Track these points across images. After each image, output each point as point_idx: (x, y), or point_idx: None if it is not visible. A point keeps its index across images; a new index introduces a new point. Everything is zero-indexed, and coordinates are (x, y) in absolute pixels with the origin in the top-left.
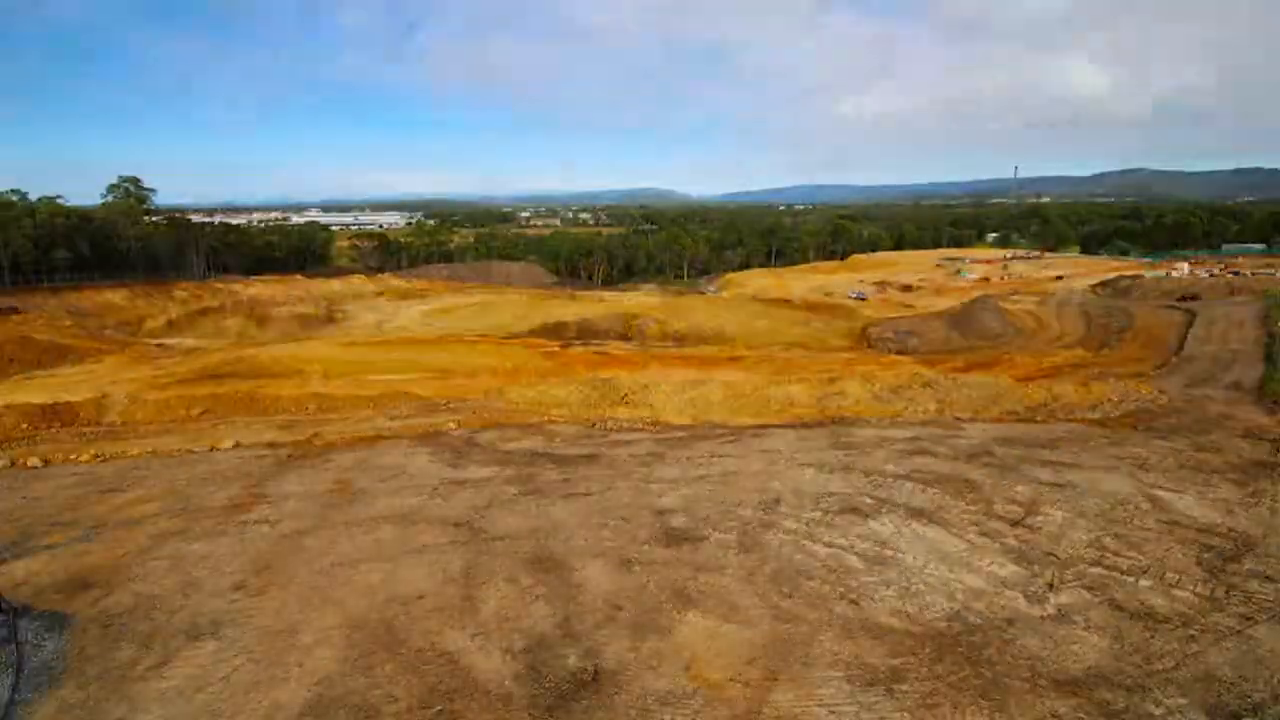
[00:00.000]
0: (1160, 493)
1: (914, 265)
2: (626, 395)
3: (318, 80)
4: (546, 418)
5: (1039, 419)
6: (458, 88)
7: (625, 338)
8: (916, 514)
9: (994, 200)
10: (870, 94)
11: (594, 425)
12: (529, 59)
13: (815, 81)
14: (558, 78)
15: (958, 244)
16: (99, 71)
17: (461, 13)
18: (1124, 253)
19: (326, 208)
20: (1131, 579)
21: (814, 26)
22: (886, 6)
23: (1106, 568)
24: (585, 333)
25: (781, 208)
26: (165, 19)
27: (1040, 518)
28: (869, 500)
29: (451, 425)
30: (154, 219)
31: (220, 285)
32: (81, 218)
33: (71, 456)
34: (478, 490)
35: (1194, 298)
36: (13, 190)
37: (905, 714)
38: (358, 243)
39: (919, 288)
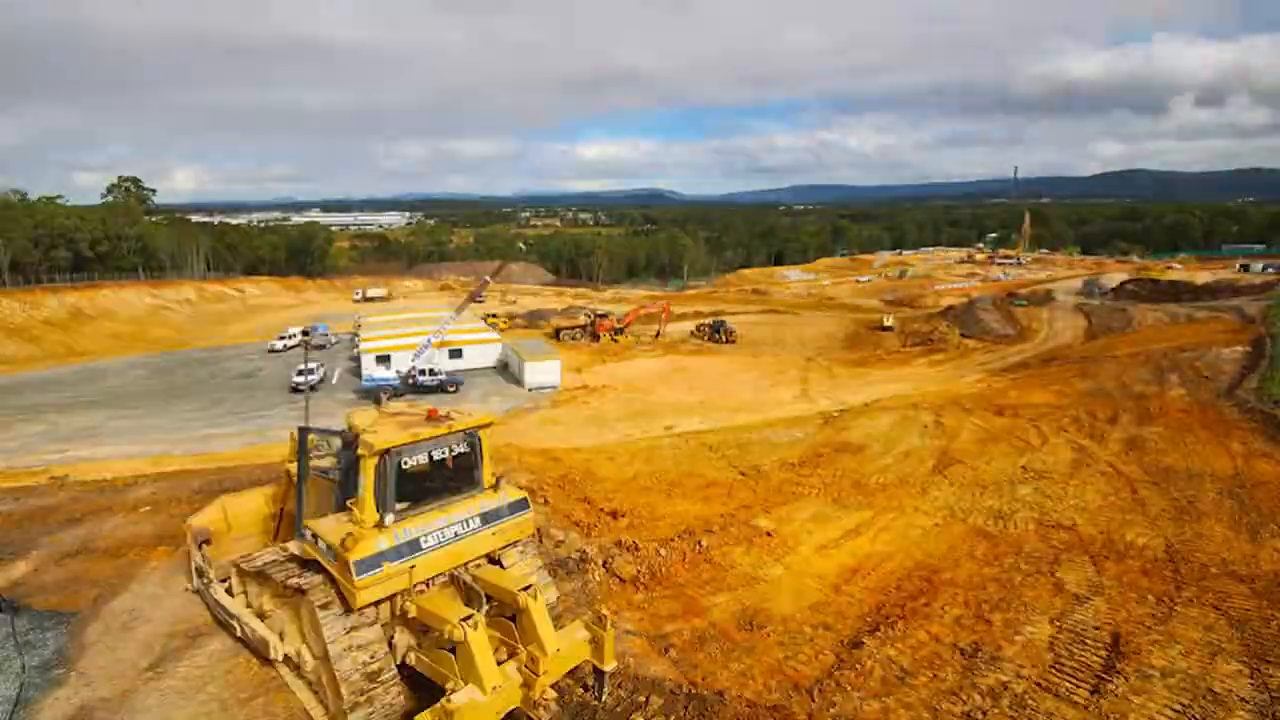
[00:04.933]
0: None
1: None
2: None
3: None
4: None
5: None
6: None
7: None
8: None
9: (994, 200)
10: None
11: None
12: None
13: None
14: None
15: (957, 244)
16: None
17: None
18: (1124, 253)
19: (327, 207)
20: None
21: None
22: None
23: None
24: None
25: (781, 208)
26: None
27: None
28: None
29: None
30: (153, 218)
31: None
32: (81, 217)
33: None
34: None
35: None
36: (13, 190)
37: None
38: (357, 243)
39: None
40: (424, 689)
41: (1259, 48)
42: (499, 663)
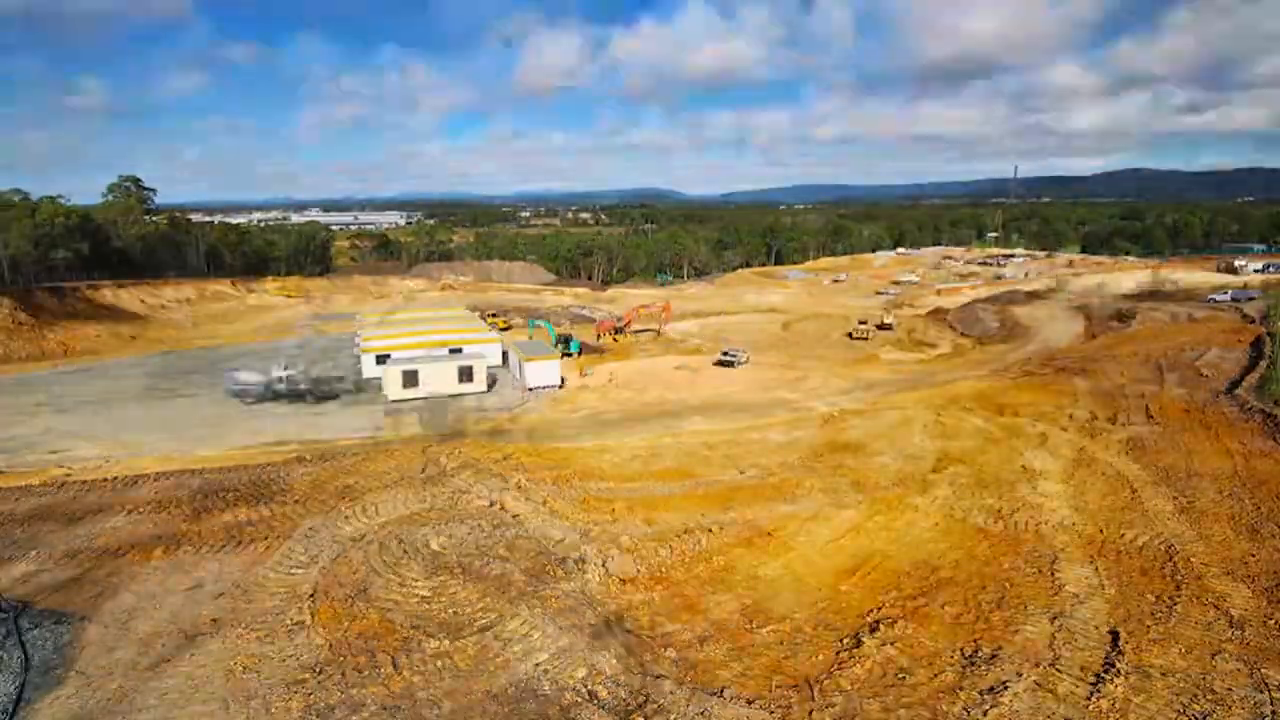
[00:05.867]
0: None
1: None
2: None
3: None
4: None
5: None
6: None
7: None
8: None
9: (994, 200)
10: None
11: None
12: None
13: None
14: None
15: (957, 244)
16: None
17: None
18: (1124, 253)
19: (327, 207)
20: None
21: None
22: None
23: None
24: None
25: (782, 207)
26: None
27: None
28: None
29: None
30: (154, 218)
31: None
32: (82, 217)
33: None
34: None
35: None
36: (13, 190)
37: None
38: (358, 243)
39: None
40: None
41: None
42: None
